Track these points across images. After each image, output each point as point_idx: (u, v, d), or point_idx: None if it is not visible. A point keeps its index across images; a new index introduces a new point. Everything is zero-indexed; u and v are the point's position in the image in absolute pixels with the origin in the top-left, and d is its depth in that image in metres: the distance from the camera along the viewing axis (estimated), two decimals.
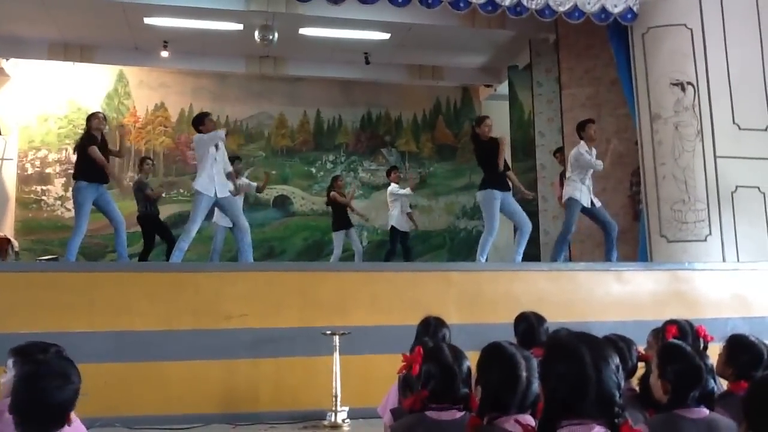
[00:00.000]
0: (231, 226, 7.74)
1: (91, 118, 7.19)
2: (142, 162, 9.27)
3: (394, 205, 10.06)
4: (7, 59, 10.80)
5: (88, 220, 6.94)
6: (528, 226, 7.35)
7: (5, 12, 9.23)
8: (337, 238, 9.73)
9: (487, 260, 7.41)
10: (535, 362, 2.15)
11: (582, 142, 7.37)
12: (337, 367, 5.23)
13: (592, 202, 7.32)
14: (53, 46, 10.53)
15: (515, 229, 8.11)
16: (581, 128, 7.46)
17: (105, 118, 7.36)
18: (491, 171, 7.22)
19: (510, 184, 7.43)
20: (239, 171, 8.41)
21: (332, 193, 9.75)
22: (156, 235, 8.65)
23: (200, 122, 7.17)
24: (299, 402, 5.53)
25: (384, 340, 5.42)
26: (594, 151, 7.38)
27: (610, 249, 7.31)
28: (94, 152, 6.87)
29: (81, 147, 7.02)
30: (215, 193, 6.93)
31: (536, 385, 2.10)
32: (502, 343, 2.26)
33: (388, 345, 4.88)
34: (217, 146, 7.04)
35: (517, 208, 7.39)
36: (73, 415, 2.35)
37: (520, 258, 7.28)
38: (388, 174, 10.48)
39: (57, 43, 10.49)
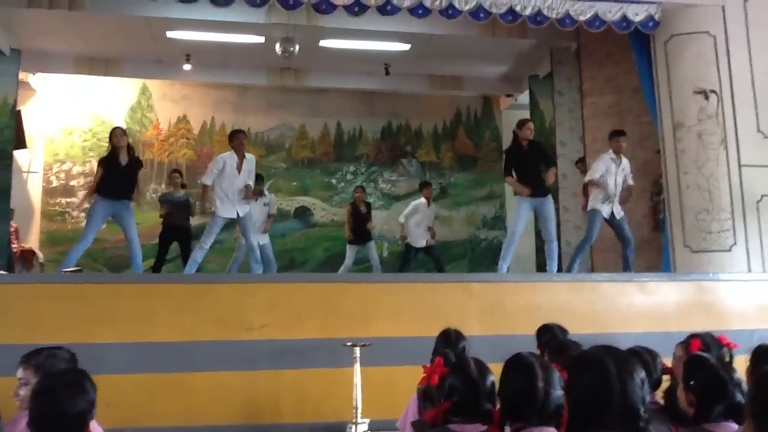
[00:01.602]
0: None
1: (110, 135, 7.21)
2: (170, 175, 9.45)
3: (410, 220, 9.88)
4: (34, 74, 10.99)
5: (94, 232, 7.00)
6: (550, 241, 7.17)
7: (33, 28, 9.41)
8: (348, 250, 9.68)
9: (508, 270, 7.33)
10: (555, 373, 2.13)
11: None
12: (358, 379, 5.21)
13: (612, 214, 7.24)
14: (79, 60, 10.71)
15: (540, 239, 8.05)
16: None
17: (124, 132, 7.28)
18: (518, 176, 7.14)
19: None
20: (260, 191, 8.30)
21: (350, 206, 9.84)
22: (169, 247, 8.66)
23: (230, 139, 7.43)
24: (321, 414, 5.52)
25: (405, 352, 5.39)
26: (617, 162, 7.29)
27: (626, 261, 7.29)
28: (102, 168, 7.02)
29: (99, 162, 7.20)
30: (237, 213, 7.14)
31: (556, 396, 2.08)
32: (522, 354, 2.25)
33: (410, 356, 4.86)
34: (223, 169, 7.16)
35: (548, 219, 7.18)
36: (94, 425, 2.35)
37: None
38: (421, 188, 10.24)
39: (83, 57, 10.67)
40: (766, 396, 1.62)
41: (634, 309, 6.42)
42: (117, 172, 7.00)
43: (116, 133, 7.14)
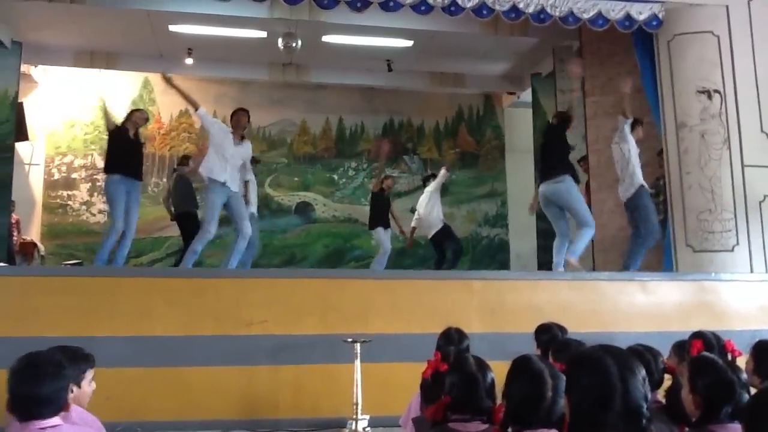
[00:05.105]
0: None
1: (135, 110, 7.31)
2: (183, 159, 9.48)
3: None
4: (36, 66, 10.97)
5: (122, 217, 6.84)
6: (578, 226, 6.99)
7: (33, 20, 9.38)
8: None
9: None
10: (562, 381, 2.11)
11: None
12: (358, 375, 5.19)
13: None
14: (80, 54, 10.68)
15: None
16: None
17: (147, 119, 7.44)
18: None
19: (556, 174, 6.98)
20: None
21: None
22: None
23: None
24: (319, 409, 5.51)
25: (405, 349, 5.39)
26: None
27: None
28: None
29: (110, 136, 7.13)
30: (227, 181, 6.96)
31: (562, 405, 2.07)
32: (533, 358, 2.22)
33: (409, 353, 4.86)
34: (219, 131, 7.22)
35: (565, 204, 6.97)
36: (75, 408, 2.43)
37: (571, 256, 6.90)
38: (423, 183, 10.28)
39: (83, 50, 10.64)
40: (763, 415, 1.63)
41: (635, 308, 6.41)
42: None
43: (142, 113, 7.36)
